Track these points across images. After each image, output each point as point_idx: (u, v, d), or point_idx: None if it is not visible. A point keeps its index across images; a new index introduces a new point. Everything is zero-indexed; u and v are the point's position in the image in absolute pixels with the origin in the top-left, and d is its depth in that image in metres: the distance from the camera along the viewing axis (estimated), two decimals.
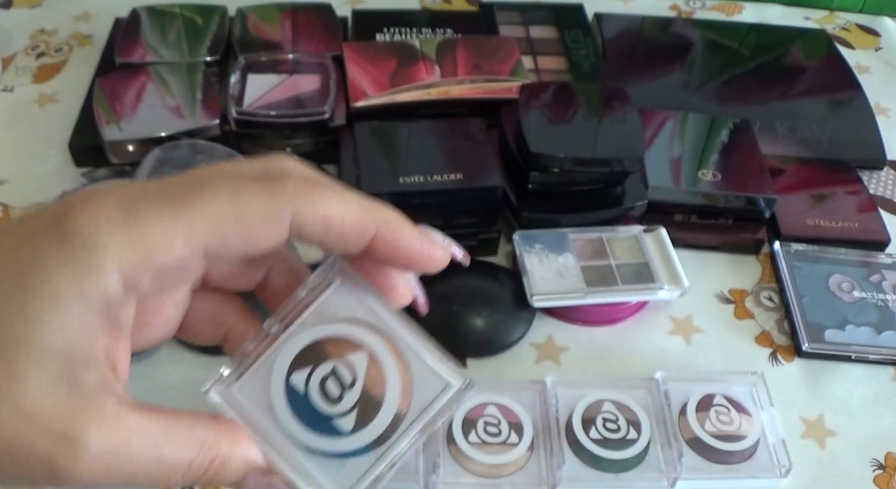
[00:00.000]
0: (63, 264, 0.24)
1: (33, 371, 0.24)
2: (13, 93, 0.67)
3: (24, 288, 0.24)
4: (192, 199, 0.25)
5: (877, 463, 0.47)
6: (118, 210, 0.24)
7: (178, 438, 0.27)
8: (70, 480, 0.25)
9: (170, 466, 0.26)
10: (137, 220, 0.24)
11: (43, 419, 0.24)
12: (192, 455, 0.27)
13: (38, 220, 0.25)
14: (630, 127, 0.55)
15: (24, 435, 0.24)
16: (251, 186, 0.25)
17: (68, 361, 0.25)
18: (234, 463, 0.28)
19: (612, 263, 0.53)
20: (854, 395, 0.50)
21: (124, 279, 0.24)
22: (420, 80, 0.62)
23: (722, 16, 0.82)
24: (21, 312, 0.24)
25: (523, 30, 0.73)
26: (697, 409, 0.47)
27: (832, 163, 0.63)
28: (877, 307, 0.53)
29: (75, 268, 0.24)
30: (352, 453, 0.28)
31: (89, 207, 0.24)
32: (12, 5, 0.76)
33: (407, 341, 0.28)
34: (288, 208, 0.25)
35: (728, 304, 0.55)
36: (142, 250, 0.24)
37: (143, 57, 0.64)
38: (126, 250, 0.24)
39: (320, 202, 0.26)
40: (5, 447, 0.24)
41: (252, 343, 0.29)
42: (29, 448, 0.24)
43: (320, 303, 0.29)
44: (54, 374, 0.24)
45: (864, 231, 0.58)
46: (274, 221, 0.25)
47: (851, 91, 0.71)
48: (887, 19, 0.83)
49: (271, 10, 0.70)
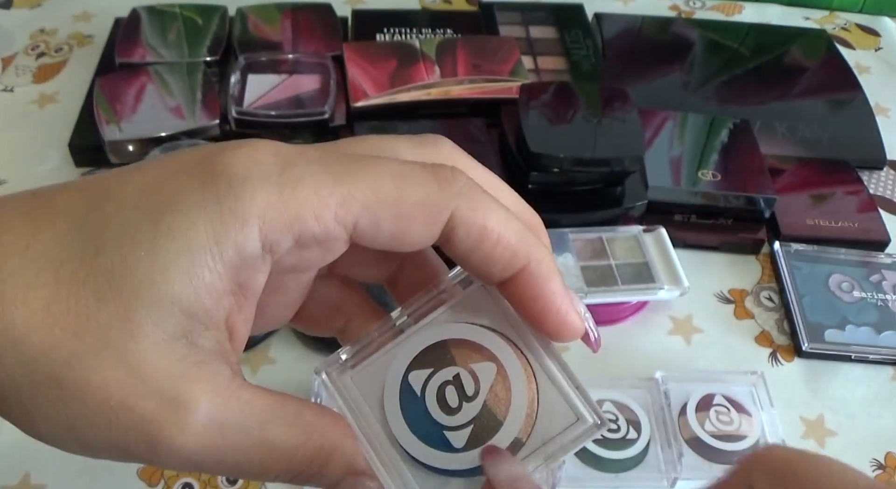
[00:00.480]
0: (204, 207, 0.22)
1: (151, 320, 0.22)
2: (13, 93, 0.67)
3: (157, 226, 0.22)
4: (354, 170, 0.23)
5: (877, 463, 0.47)
6: (275, 162, 0.22)
7: (288, 419, 0.24)
8: (168, 453, 0.22)
9: (276, 451, 0.24)
10: (292, 177, 0.22)
11: (153, 377, 0.22)
12: (300, 440, 0.24)
13: (186, 158, 0.23)
14: (630, 127, 0.55)
15: (128, 392, 0.22)
16: (419, 174, 0.23)
17: (190, 317, 0.22)
18: (338, 459, 0.25)
19: (612, 263, 0.53)
20: (854, 395, 0.50)
21: (265, 238, 0.22)
22: (420, 80, 0.62)
23: (722, 16, 0.82)
24: (151, 252, 0.22)
25: (523, 30, 0.73)
26: (697, 409, 0.47)
27: (832, 163, 0.63)
28: (877, 307, 0.53)
29: (217, 213, 0.22)
30: (458, 472, 0.25)
31: (244, 152, 0.22)
32: (12, 5, 0.76)
33: (544, 363, 0.25)
34: (451, 206, 0.23)
35: (728, 304, 0.55)
36: (292, 211, 0.22)
37: (143, 57, 0.64)
38: (275, 206, 0.22)
39: (484, 212, 0.23)
40: (105, 404, 0.22)
41: (376, 332, 0.26)
42: (131, 408, 0.22)
43: (456, 302, 0.26)
44: (174, 329, 0.22)
45: (864, 231, 0.58)
46: (433, 216, 0.23)
47: (851, 91, 0.71)
48: (887, 19, 0.83)
49: (271, 10, 0.70)
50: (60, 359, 0.21)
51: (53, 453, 0.44)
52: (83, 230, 0.22)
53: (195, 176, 0.22)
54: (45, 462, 0.43)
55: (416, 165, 0.24)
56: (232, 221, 0.22)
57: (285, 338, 0.50)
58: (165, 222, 0.22)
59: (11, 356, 0.21)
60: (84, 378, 0.21)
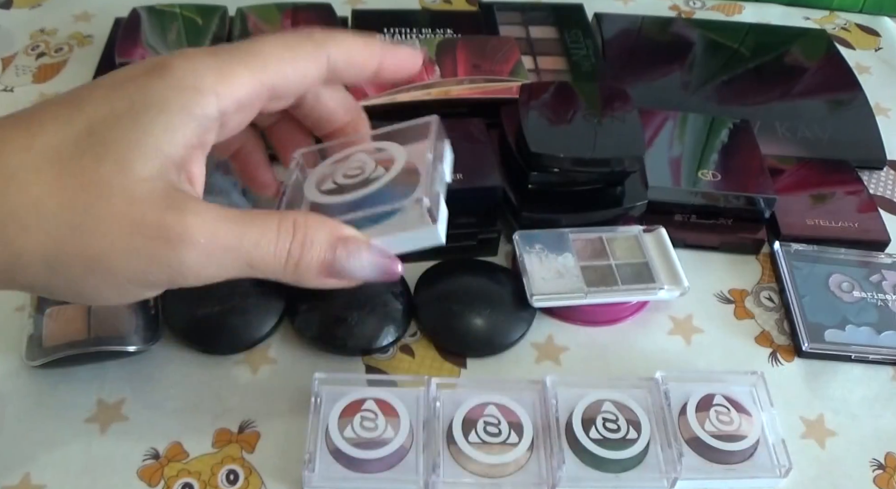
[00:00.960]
0: (171, 91, 0.30)
1: (141, 164, 0.30)
2: (13, 93, 0.67)
3: (134, 106, 0.30)
4: (257, 51, 0.33)
5: (877, 463, 0.47)
6: (209, 59, 0.32)
7: (261, 218, 0.33)
8: (181, 269, 0.31)
9: (256, 229, 0.32)
10: (224, 65, 0.32)
11: (152, 206, 0.30)
12: (275, 220, 0.33)
13: (133, 70, 0.32)
14: (630, 127, 0.55)
15: (139, 219, 0.29)
16: (298, 39, 0.35)
17: (169, 162, 0.31)
18: (320, 228, 0.34)
19: (612, 263, 0.53)
20: (854, 395, 0.50)
21: (218, 106, 0.32)
22: (420, 81, 0.62)
23: (722, 16, 0.82)
24: (133, 121, 0.30)
25: (523, 30, 0.73)
26: (697, 409, 0.47)
27: (832, 163, 0.63)
28: (877, 307, 0.53)
29: (181, 92, 0.31)
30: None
31: (187, 58, 0.32)
32: (12, 5, 0.76)
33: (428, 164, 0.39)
34: (325, 50, 0.35)
35: (728, 304, 0.55)
36: (231, 87, 0.32)
37: (143, 57, 0.64)
38: (221, 85, 0.32)
39: (345, 45, 0.36)
40: (121, 238, 0.29)
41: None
42: (143, 233, 0.30)
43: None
44: (159, 169, 0.30)
45: (864, 231, 0.58)
46: (318, 60, 0.35)
47: (851, 91, 0.71)
48: (887, 19, 0.83)
49: (271, 10, 0.70)
50: (75, 213, 0.29)
51: (53, 453, 0.44)
52: (70, 124, 0.30)
53: (156, 76, 0.31)
54: (45, 462, 0.43)
55: (295, 35, 0.35)
56: (195, 95, 0.31)
57: (285, 338, 0.50)
58: (142, 102, 0.30)
59: (35, 224, 0.29)
60: (94, 221, 0.29)
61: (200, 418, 0.46)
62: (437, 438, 0.44)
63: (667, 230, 0.55)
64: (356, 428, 0.44)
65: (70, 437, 0.44)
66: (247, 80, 0.33)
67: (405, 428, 0.44)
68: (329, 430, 0.44)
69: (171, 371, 0.48)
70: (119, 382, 0.47)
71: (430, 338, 0.51)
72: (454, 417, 0.45)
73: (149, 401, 0.46)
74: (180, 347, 0.48)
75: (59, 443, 0.44)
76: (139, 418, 0.45)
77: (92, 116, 0.30)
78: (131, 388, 0.47)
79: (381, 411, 0.45)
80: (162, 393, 0.47)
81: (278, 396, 0.47)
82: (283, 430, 0.45)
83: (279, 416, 0.46)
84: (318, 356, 0.49)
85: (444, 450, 0.44)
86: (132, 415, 0.45)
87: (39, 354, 0.45)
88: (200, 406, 0.46)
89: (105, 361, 0.47)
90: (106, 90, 0.31)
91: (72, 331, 0.45)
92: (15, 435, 0.44)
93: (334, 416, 0.44)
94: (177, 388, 0.47)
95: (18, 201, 0.29)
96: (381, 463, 0.43)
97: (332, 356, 0.49)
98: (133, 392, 0.47)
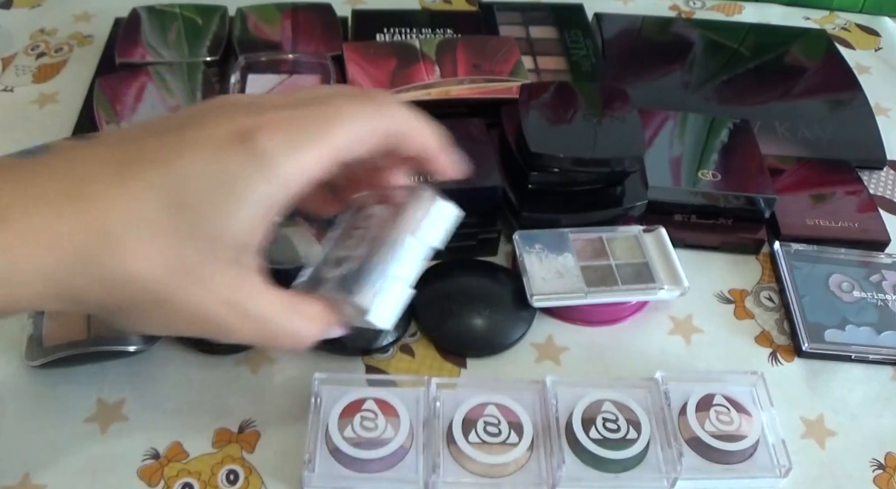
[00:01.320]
0: (249, 176, 0.32)
1: (222, 255, 0.33)
2: (13, 93, 0.67)
3: (223, 186, 0.32)
4: (330, 128, 0.34)
5: (877, 463, 0.47)
6: (284, 137, 0.33)
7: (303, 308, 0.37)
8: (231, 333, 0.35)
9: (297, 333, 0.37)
10: (297, 146, 0.33)
11: (223, 291, 0.34)
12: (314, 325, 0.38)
13: (217, 132, 0.33)
14: (630, 127, 0.55)
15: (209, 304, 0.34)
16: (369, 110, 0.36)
17: (241, 248, 0.34)
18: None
19: (612, 263, 0.53)
20: (854, 395, 0.50)
21: (287, 189, 0.33)
22: (420, 81, 0.62)
23: (722, 16, 0.82)
24: (217, 210, 0.32)
25: (523, 30, 0.73)
26: (697, 409, 0.47)
27: (832, 163, 0.63)
28: (877, 307, 0.53)
29: (258, 178, 0.32)
30: None
31: (268, 132, 0.33)
32: (12, 5, 0.76)
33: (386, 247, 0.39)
34: (384, 124, 0.36)
35: (728, 304, 0.55)
36: (303, 169, 0.34)
37: (143, 57, 0.64)
38: (293, 168, 0.33)
39: (421, 138, 0.38)
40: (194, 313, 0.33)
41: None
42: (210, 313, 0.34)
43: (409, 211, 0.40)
44: (234, 257, 0.34)
45: (864, 231, 0.58)
46: (386, 140, 0.37)
47: (851, 91, 0.71)
48: (887, 19, 0.83)
49: (271, 10, 0.70)
50: (164, 288, 0.32)
51: (53, 453, 0.44)
52: (167, 194, 0.32)
53: (238, 151, 0.33)
54: (45, 462, 0.43)
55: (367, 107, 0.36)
56: (268, 183, 0.33)
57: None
58: (225, 189, 0.32)
59: (130, 286, 0.32)
60: (179, 299, 0.33)
61: (200, 418, 0.46)
62: (437, 438, 0.44)
63: (667, 230, 0.55)
64: (356, 428, 0.44)
65: (70, 437, 0.44)
66: (318, 163, 0.34)
67: (405, 428, 0.44)
68: (329, 430, 0.44)
69: (171, 371, 0.48)
70: (119, 382, 0.47)
71: (430, 338, 0.51)
72: (454, 417, 0.45)
73: (149, 401, 0.46)
74: (180, 347, 0.48)
75: (59, 442, 0.44)
76: (139, 418, 0.45)
77: (184, 188, 0.32)
78: (131, 388, 0.47)
79: (381, 411, 0.45)
80: (162, 393, 0.47)
81: (278, 396, 0.47)
82: (283, 430, 0.45)
83: (279, 416, 0.46)
84: (318, 356, 0.49)
85: (444, 450, 0.44)
86: (132, 415, 0.45)
87: (39, 354, 0.45)
88: (200, 406, 0.46)
89: (105, 361, 0.47)
90: (195, 152, 0.33)
91: (72, 331, 0.45)
92: (15, 435, 0.44)
93: (334, 416, 0.44)
94: (177, 388, 0.47)
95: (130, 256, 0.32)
96: (381, 463, 0.43)
97: (331, 356, 0.49)
98: (133, 392, 0.47)
